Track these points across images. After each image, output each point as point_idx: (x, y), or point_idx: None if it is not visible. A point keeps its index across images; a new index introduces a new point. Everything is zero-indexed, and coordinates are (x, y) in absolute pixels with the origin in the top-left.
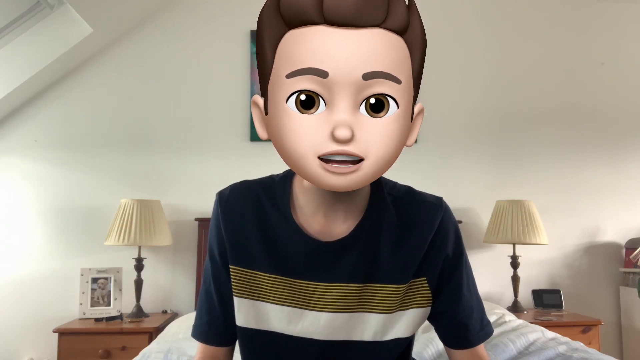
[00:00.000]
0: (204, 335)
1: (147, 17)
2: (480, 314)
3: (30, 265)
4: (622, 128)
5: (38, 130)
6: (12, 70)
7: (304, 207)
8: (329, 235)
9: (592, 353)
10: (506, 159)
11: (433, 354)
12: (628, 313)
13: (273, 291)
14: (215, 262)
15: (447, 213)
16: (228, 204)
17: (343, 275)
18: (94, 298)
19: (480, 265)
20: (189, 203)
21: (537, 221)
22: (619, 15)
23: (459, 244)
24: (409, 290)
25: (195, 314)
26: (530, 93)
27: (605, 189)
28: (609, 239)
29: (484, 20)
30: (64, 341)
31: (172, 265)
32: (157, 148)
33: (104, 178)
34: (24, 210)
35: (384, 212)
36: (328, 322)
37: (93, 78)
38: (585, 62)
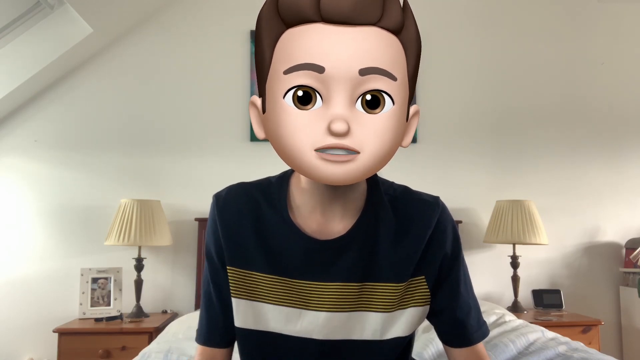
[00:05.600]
0: (204, 337)
1: (147, 17)
2: (477, 312)
3: (30, 265)
4: (622, 128)
5: (38, 130)
6: (12, 70)
7: (301, 206)
8: (327, 234)
9: (592, 353)
10: (506, 159)
11: (433, 354)
12: (628, 313)
13: (271, 291)
14: (212, 263)
15: (444, 211)
16: (225, 206)
17: (341, 274)
18: (94, 298)
19: (480, 265)
20: (189, 203)
21: (537, 221)
22: (619, 15)
23: (456, 243)
24: (408, 288)
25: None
26: (530, 93)
27: (605, 189)
28: (609, 239)
29: (483, 20)
30: (64, 341)
31: (172, 265)
32: (157, 148)
33: (104, 178)
34: (24, 210)
35: (381, 211)
36: (327, 321)
37: (93, 78)
38: (585, 62)
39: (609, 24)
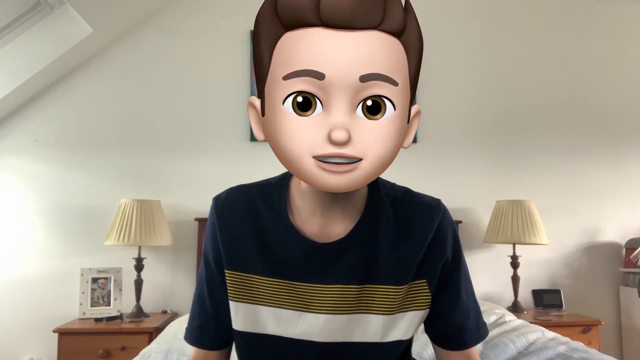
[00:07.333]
0: (195, 339)
1: (147, 18)
2: (476, 315)
3: (30, 265)
4: (622, 128)
5: (38, 130)
6: (12, 70)
7: (301, 209)
8: (327, 236)
9: (592, 353)
10: (506, 159)
11: (433, 354)
12: (628, 313)
13: (270, 294)
14: (209, 266)
15: (445, 215)
16: (224, 209)
17: (341, 277)
18: (94, 298)
19: (480, 265)
20: (189, 203)
21: (537, 221)
22: (619, 15)
23: (457, 246)
24: (410, 292)
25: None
26: (531, 93)
27: (605, 189)
28: (609, 239)
29: (483, 20)
30: (64, 341)
31: (172, 265)
32: (157, 148)
33: (104, 178)
34: (24, 210)
35: (381, 213)
36: (327, 323)
37: (93, 78)
38: (585, 62)
39: (609, 24)
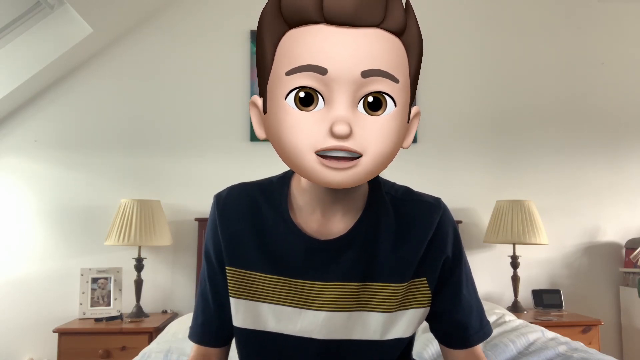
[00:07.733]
0: (198, 336)
1: (147, 17)
2: (479, 314)
3: (30, 265)
4: (622, 128)
5: (38, 130)
6: (12, 70)
7: (302, 206)
8: (327, 234)
9: (592, 353)
10: (506, 159)
11: (433, 354)
12: (628, 313)
13: (271, 291)
14: (211, 264)
15: (445, 213)
16: (225, 206)
17: (341, 274)
18: (94, 298)
19: (480, 265)
20: (189, 203)
21: (537, 221)
22: (619, 15)
23: (458, 245)
24: (410, 290)
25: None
26: (531, 93)
27: (605, 189)
28: (609, 239)
29: (483, 20)
30: (64, 341)
31: (172, 265)
32: (157, 148)
33: (104, 178)
34: (24, 210)
35: (382, 211)
36: (327, 321)
37: (93, 78)
38: (585, 62)
39: (609, 24)
